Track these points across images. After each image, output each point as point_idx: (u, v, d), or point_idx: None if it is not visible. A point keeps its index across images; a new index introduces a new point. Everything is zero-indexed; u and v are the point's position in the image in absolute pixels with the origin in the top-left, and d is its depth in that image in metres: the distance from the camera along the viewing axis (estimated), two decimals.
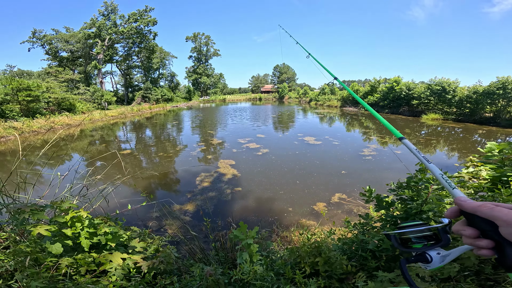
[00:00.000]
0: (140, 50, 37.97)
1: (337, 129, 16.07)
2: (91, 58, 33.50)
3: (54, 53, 33.73)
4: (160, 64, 43.91)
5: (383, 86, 26.77)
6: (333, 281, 1.47)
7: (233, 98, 64.42)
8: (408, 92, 23.13)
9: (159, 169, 7.35)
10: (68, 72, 31.56)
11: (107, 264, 1.31)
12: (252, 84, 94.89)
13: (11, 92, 15.32)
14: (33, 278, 1.10)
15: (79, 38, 32.56)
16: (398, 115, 23.35)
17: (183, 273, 1.82)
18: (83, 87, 27.77)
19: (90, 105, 24.90)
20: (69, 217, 1.35)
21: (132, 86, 41.32)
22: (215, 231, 3.57)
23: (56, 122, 15.98)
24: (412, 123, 18.11)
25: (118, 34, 33.34)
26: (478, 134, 13.76)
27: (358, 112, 27.05)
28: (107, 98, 27.73)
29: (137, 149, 10.35)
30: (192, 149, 10.03)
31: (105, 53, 33.43)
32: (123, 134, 15.37)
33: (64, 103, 20.33)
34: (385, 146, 10.53)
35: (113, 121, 21.00)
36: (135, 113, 27.05)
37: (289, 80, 76.61)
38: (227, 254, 2.44)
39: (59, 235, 1.28)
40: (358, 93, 30.96)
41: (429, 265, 0.48)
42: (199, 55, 57.75)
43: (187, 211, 4.59)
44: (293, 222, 4.13)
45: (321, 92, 41.68)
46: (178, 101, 42.80)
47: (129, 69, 40.59)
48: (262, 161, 8.09)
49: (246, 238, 1.49)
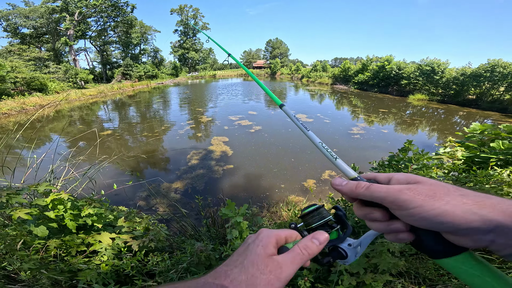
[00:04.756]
0: (116, 25, 34.11)
1: (327, 106, 16.16)
2: (59, 35, 29.84)
3: (13, 30, 29.70)
4: (141, 39, 40.12)
5: (374, 65, 26.54)
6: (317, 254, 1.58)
7: (223, 74, 61.64)
8: (398, 72, 23.23)
9: (146, 149, 7.17)
10: (34, 50, 28.14)
11: (97, 244, 1.32)
12: (244, 60, 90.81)
13: None
14: (23, 260, 1.09)
15: (42, 13, 28.53)
16: (386, 95, 23.62)
17: (174, 250, 1.89)
18: (54, 65, 25.20)
19: (64, 84, 22.97)
20: (49, 200, 1.31)
21: (111, 63, 37.99)
22: (207, 207, 3.67)
23: (27, 103, 14.84)
24: (399, 103, 18.53)
25: (90, 8, 29.46)
26: (459, 115, 14.42)
27: (348, 90, 27.09)
28: (82, 76, 25.52)
29: (121, 129, 9.92)
30: (180, 128, 9.77)
31: (76, 29, 29.82)
32: (104, 113, 14.53)
33: (34, 83, 18.58)
34: (371, 125, 10.83)
35: (92, 100, 19.68)
36: (115, 91, 25.41)
37: (281, 56, 74.11)
38: (218, 230, 2.54)
39: (43, 218, 1.25)
40: (349, 71, 30.62)
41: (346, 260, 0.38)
42: (186, 28, 53.34)
43: (177, 189, 4.62)
44: (283, 198, 4.29)
45: (313, 69, 40.78)
46: (164, 77, 40.40)
47: (105, 45, 36.85)
48: (255, 138, 8.09)
49: (235, 216, 1.51)
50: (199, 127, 9.85)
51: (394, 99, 20.67)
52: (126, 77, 34.22)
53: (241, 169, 5.60)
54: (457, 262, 0.28)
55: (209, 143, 7.53)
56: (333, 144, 7.66)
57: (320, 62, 41.29)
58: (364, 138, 8.44)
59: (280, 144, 7.43)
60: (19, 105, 14.26)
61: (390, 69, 23.91)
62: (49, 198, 1.34)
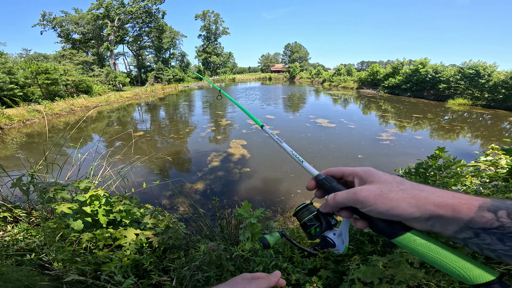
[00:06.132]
0: (150, 30, 37.23)
1: (353, 111, 15.42)
2: (102, 40, 33.50)
3: (66, 35, 34.03)
4: (170, 43, 43.20)
5: (407, 68, 24.86)
6: (329, 262, 1.53)
7: (242, 77, 63.65)
8: (435, 75, 21.43)
9: (172, 150, 7.68)
10: (82, 54, 32.04)
11: (122, 239, 1.48)
12: (262, 64, 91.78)
13: (31, 76, 15.87)
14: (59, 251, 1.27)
15: (88, 19, 32.37)
16: (420, 99, 21.79)
17: (190, 248, 2.00)
18: (97, 69, 28.24)
19: (105, 86, 25.52)
20: (88, 196, 1.51)
21: (145, 67, 41.43)
22: (222, 209, 3.79)
23: (75, 105, 16.63)
24: (435, 108, 16.89)
25: (127, 14, 32.67)
26: (509, 121, 12.60)
27: (377, 95, 25.52)
28: (121, 79, 28.21)
29: (152, 130, 10.76)
30: (202, 130, 10.23)
31: (116, 34, 33.19)
32: (138, 115, 15.91)
33: (81, 85, 20.95)
34: (403, 130, 10.07)
35: (128, 102, 21.63)
36: (148, 93, 27.51)
37: (301, 60, 73.17)
38: (231, 231, 2.62)
39: (80, 212, 1.45)
40: (378, 74, 28.96)
41: (336, 249, 0.46)
42: (208, 33, 56.02)
43: (197, 189, 4.85)
44: (299, 203, 4.23)
45: (336, 73, 39.34)
46: (189, 81, 42.68)
47: (140, 49, 40.34)
48: (273, 142, 8.07)
49: (249, 217, 1.54)
50: (219, 130, 10.21)
51: (430, 104, 18.94)
52: (158, 80, 36.87)
53: (257, 172, 5.66)
54: (405, 240, 0.35)
55: (228, 146, 7.75)
56: (358, 150, 7.27)
57: (345, 66, 39.70)
58: (394, 145, 7.89)
59: (299, 149, 7.32)
60: (68, 106, 15.95)
61: (425, 73, 22.15)
62: (88, 194, 1.54)
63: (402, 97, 23.59)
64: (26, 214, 2.10)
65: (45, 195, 1.36)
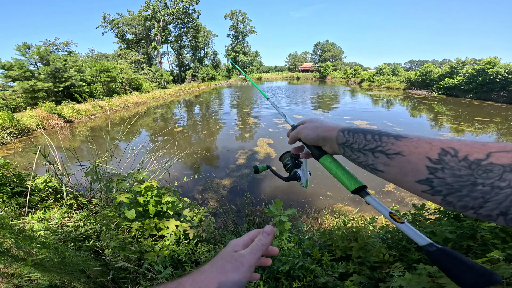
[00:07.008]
0: (188, 30, 39.74)
1: (398, 113, 13.94)
2: (150, 40, 37.12)
3: (121, 36, 38.56)
4: (204, 43, 45.44)
5: (469, 68, 21.51)
6: (364, 267, 1.45)
7: (268, 76, 63.39)
8: (507, 76, 18.27)
9: (205, 146, 8.18)
10: (134, 53, 36.10)
11: (165, 229, 1.69)
12: (289, 63, 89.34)
13: (95, 74, 18.46)
14: (111, 239, 1.45)
15: (139, 21, 36.06)
16: (486, 101, 18.44)
17: (217, 243, 2.17)
18: (147, 67, 31.56)
19: (153, 84, 28.21)
20: (143, 187, 1.69)
21: (184, 66, 44.57)
22: (248, 206, 3.93)
23: (128, 101, 18.71)
24: (506, 111, 14.05)
25: (170, 15, 35.45)
26: None
27: (429, 96, 22.45)
28: (165, 77, 31.00)
29: (188, 126, 11.64)
30: (231, 127, 10.55)
31: (161, 34, 36.39)
32: (177, 111, 17.32)
33: (133, 83, 23.68)
34: (461, 134, 8.82)
35: (170, 99, 23.60)
36: (187, 91, 29.52)
37: (334, 59, 68.92)
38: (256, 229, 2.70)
39: (134, 202, 1.70)
40: (431, 74, 25.52)
41: (301, 182, 0.66)
42: (237, 33, 57.04)
43: (225, 185, 5.09)
44: (327, 205, 4.09)
45: (378, 73, 35.67)
46: (220, 79, 44.31)
47: (180, 49, 43.33)
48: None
49: (280, 215, 1.52)
50: (246, 128, 10.36)
51: (499, 107, 15.85)
52: (194, 78, 39.35)
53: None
54: (324, 161, 0.49)
55: (255, 144, 7.84)
56: None
57: (389, 65, 35.72)
58: None
59: None
60: (123, 102, 17.99)
61: (494, 73, 18.87)
62: (143, 185, 1.68)
63: (462, 99, 20.33)
64: (87, 202, 2.42)
65: (110, 184, 1.65)
